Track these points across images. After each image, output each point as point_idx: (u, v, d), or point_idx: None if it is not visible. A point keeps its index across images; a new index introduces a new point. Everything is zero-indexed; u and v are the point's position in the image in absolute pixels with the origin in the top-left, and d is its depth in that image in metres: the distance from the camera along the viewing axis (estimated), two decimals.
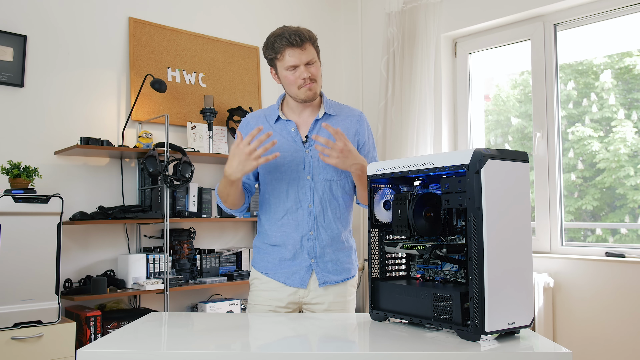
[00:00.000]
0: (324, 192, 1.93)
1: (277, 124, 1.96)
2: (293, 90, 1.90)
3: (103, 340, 1.37)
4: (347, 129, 1.98)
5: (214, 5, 3.73)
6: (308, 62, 1.86)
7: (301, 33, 1.85)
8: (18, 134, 2.92)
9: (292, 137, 1.94)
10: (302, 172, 1.92)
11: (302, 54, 1.84)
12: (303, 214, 1.92)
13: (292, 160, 1.92)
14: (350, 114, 2.03)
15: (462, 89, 3.76)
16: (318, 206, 1.92)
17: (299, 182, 1.92)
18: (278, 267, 1.95)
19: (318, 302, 1.94)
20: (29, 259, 2.53)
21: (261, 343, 1.48)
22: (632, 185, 3.17)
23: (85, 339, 2.77)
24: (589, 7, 3.15)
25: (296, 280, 1.93)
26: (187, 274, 3.28)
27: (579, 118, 3.42)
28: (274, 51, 1.86)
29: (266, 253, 1.99)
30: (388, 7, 3.84)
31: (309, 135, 1.94)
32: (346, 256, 1.99)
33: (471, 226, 1.27)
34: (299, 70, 1.86)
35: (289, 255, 1.94)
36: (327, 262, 1.94)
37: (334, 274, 1.95)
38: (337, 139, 1.77)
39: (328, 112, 1.97)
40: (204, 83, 3.62)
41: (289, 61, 1.85)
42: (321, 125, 1.94)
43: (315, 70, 1.88)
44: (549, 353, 1.27)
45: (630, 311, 2.82)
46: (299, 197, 1.92)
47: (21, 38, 2.93)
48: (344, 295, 1.98)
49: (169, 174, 3.14)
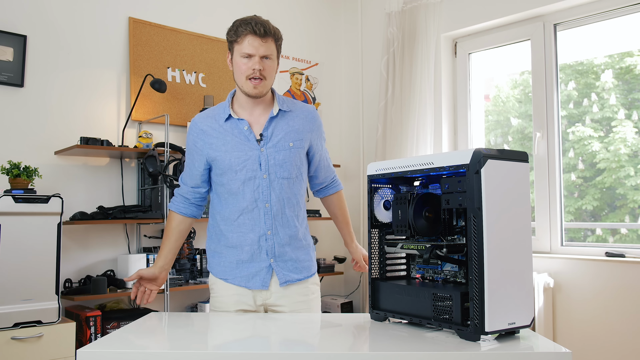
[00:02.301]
0: (281, 190, 1.89)
1: (227, 123, 1.91)
2: (241, 80, 1.86)
3: (103, 340, 1.37)
4: (302, 126, 1.95)
5: (214, 5, 3.73)
6: (264, 56, 1.83)
7: (267, 26, 1.84)
8: (18, 134, 2.92)
9: (245, 136, 1.89)
10: (257, 171, 1.87)
11: (261, 45, 1.82)
12: (259, 214, 1.88)
13: (246, 159, 1.87)
14: (304, 109, 1.99)
15: (462, 89, 3.76)
16: (276, 205, 1.89)
17: (254, 181, 1.87)
18: (236, 270, 1.91)
19: (282, 303, 1.90)
20: (29, 259, 2.53)
21: (260, 343, 1.48)
22: (632, 185, 3.17)
23: (85, 339, 2.77)
24: (589, 7, 3.15)
25: (257, 282, 1.89)
26: (187, 274, 3.28)
27: (579, 118, 3.42)
28: (235, 34, 1.85)
29: (222, 257, 1.93)
30: (388, 7, 3.84)
31: (264, 134, 1.89)
32: (305, 254, 1.96)
33: (471, 226, 1.27)
34: (252, 60, 1.82)
35: (246, 256, 1.89)
36: (287, 261, 1.91)
37: (294, 272, 1.92)
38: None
39: (282, 108, 1.92)
40: (204, 83, 3.62)
41: (246, 48, 1.82)
42: (276, 123, 1.91)
43: (268, 67, 1.85)
44: (549, 353, 1.27)
45: (630, 311, 2.82)
46: (255, 197, 1.87)
47: (21, 38, 2.93)
48: (307, 294, 1.94)
49: (169, 174, 3.14)
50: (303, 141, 1.94)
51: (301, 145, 1.93)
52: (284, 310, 1.90)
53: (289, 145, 1.90)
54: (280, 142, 1.90)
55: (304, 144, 1.94)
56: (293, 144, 1.91)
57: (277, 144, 1.89)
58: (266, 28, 1.83)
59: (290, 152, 1.90)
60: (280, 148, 1.89)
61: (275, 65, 1.89)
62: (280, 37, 1.90)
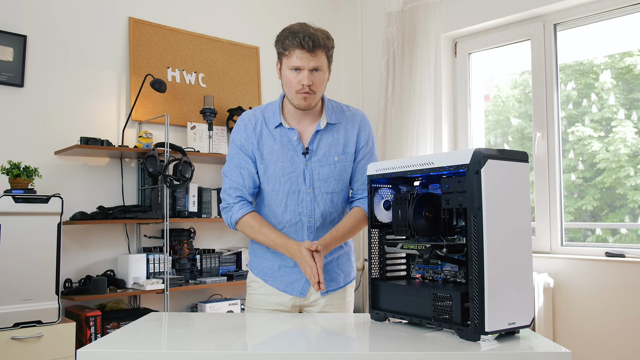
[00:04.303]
0: (325, 205, 1.86)
1: (277, 130, 1.86)
2: (290, 92, 1.81)
3: (103, 340, 1.37)
4: (348, 137, 1.90)
5: (214, 5, 3.73)
6: (314, 69, 1.77)
7: (316, 38, 1.74)
8: (18, 134, 2.92)
9: (294, 147, 1.85)
10: (302, 185, 1.84)
11: (310, 60, 1.74)
12: (303, 227, 1.86)
13: (292, 171, 1.84)
14: (352, 119, 1.93)
15: (462, 89, 3.76)
16: (319, 220, 1.86)
17: (298, 195, 1.84)
18: (277, 273, 1.89)
19: (318, 304, 1.90)
20: (29, 259, 2.53)
21: (261, 343, 1.48)
22: (632, 186, 3.17)
23: (85, 339, 2.77)
24: (589, 7, 3.15)
25: (296, 289, 1.88)
26: (187, 274, 3.28)
27: (579, 118, 3.42)
28: (282, 47, 1.77)
29: (264, 259, 1.92)
30: (388, 7, 3.84)
31: (310, 147, 1.85)
32: (345, 260, 1.96)
33: (471, 226, 1.27)
34: (301, 74, 1.76)
35: (291, 262, 1.86)
36: (327, 271, 1.90)
37: (335, 281, 1.91)
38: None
39: (330, 121, 1.87)
40: (204, 83, 3.62)
41: (294, 62, 1.75)
42: (321, 136, 1.87)
43: (318, 80, 1.78)
44: (549, 353, 1.27)
45: (630, 311, 2.82)
46: (299, 211, 1.84)
47: (21, 38, 2.93)
48: (344, 297, 1.95)
49: (169, 174, 3.14)
50: (349, 154, 1.89)
51: (347, 159, 1.89)
52: (319, 311, 1.89)
53: (333, 160, 1.87)
54: (325, 156, 1.86)
55: (349, 157, 1.89)
56: (338, 158, 1.87)
57: (321, 159, 1.85)
58: (315, 41, 1.73)
59: (335, 167, 1.87)
60: (325, 163, 1.86)
61: (325, 76, 1.82)
62: (331, 46, 1.81)
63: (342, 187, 1.90)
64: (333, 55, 1.84)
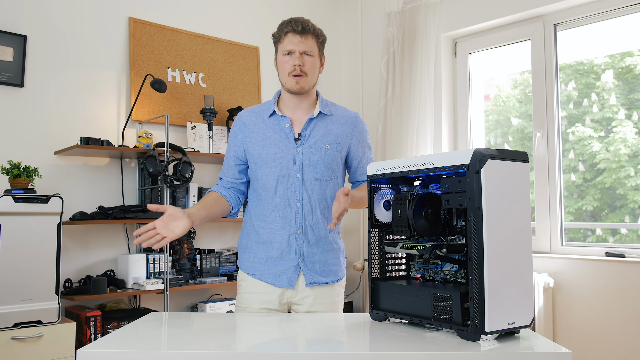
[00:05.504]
0: (313, 191, 1.91)
1: (270, 119, 1.95)
2: (284, 76, 1.91)
3: (103, 340, 1.37)
4: (342, 130, 1.97)
5: (214, 5, 3.73)
6: (305, 52, 1.88)
7: (305, 23, 1.89)
8: (18, 134, 2.92)
9: (285, 134, 1.92)
10: (292, 169, 1.90)
11: (300, 42, 1.87)
12: (291, 212, 1.91)
13: (282, 156, 1.91)
14: (345, 114, 2.01)
15: (462, 89, 3.76)
16: (307, 205, 1.91)
17: (288, 180, 1.90)
18: (265, 266, 1.93)
19: (306, 302, 1.91)
20: (29, 259, 2.53)
21: (261, 343, 1.48)
22: (632, 186, 3.16)
23: (85, 339, 2.77)
24: (589, 7, 3.15)
25: (284, 280, 1.91)
26: (187, 274, 3.28)
27: (579, 118, 3.42)
28: (277, 34, 1.92)
29: (252, 252, 1.96)
30: (388, 7, 3.84)
31: (302, 133, 1.93)
32: (334, 258, 1.97)
33: (471, 226, 1.27)
34: (292, 57, 1.88)
35: (275, 254, 1.91)
36: (314, 263, 1.92)
37: (321, 275, 1.93)
38: (342, 208, 1.75)
39: (323, 111, 1.96)
40: (204, 83, 3.62)
41: (286, 45, 1.88)
42: (315, 124, 1.94)
43: (310, 63, 1.90)
44: (549, 353, 1.27)
45: (630, 311, 2.82)
46: (288, 195, 1.90)
47: (21, 38, 2.93)
48: (332, 296, 1.96)
49: (169, 174, 3.14)
50: (340, 145, 1.96)
51: (338, 149, 1.95)
52: (309, 310, 1.91)
53: (324, 147, 1.93)
54: (317, 143, 1.92)
55: (341, 148, 1.96)
56: (329, 147, 1.94)
57: (313, 145, 1.92)
58: (305, 25, 1.89)
59: (325, 155, 1.92)
60: (316, 149, 1.92)
61: (316, 62, 1.93)
62: (322, 36, 1.95)
63: (331, 176, 1.95)
64: (324, 48, 1.98)
